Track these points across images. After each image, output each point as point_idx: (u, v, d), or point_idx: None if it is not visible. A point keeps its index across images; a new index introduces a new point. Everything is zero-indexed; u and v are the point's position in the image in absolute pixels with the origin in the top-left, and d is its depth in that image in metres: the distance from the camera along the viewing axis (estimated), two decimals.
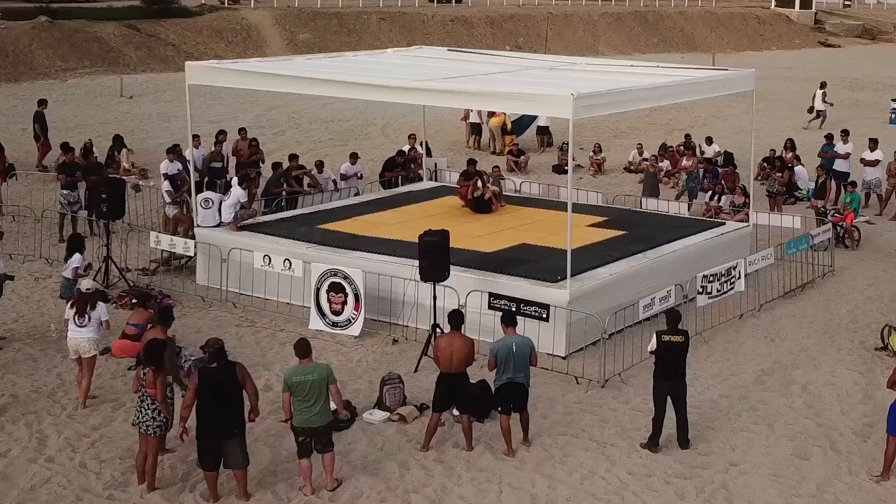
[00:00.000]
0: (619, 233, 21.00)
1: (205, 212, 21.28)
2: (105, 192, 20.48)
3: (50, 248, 22.80)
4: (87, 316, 15.30)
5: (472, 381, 15.02)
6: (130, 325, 17.30)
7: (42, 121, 31.95)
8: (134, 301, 18.21)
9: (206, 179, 25.51)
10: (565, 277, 17.33)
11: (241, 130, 28.71)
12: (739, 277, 19.06)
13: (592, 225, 21.58)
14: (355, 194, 25.74)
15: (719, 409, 15.68)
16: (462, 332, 14.44)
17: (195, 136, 26.91)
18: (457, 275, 17.72)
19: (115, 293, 20.29)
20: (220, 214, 21.23)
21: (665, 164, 30.83)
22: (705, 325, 18.45)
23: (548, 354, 17.11)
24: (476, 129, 36.71)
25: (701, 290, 18.23)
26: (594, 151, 33.53)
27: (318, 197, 24.78)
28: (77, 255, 18.27)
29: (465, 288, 17.50)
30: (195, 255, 20.95)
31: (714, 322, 18.70)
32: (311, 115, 42.69)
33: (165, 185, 23.47)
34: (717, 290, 18.56)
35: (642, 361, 16.73)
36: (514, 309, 16.73)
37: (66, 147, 26.45)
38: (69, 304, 15.73)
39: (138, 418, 13.04)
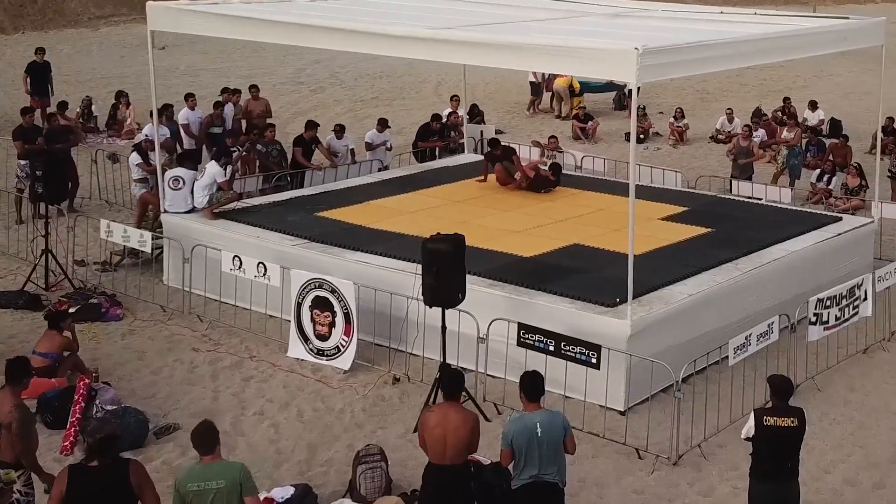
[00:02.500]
0: (703, 230, 16.11)
1: (174, 193, 16.78)
2: (41, 169, 16.00)
3: None
4: None
5: (483, 458, 10.47)
6: (38, 354, 12.92)
7: (39, 73, 27.61)
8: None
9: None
10: (625, 300, 12.60)
11: (252, 88, 24.13)
12: (865, 299, 14.09)
13: (667, 218, 16.74)
14: (380, 168, 21.11)
15: None
16: (461, 402, 9.74)
17: (189, 96, 22.64)
18: (479, 291, 13.13)
19: (55, 297, 15.95)
20: (192, 197, 16.75)
21: (760, 134, 25.66)
22: (818, 365, 13.58)
23: (600, 407, 12.44)
24: (535, 90, 31.67)
25: (814, 318, 13.31)
26: (675, 117, 28.39)
27: (332, 172, 20.15)
28: None
29: (487, 312, 12.83)
30: (152, 249, 16.45)
31: (830, 360, 13.81)
32: (358, 70, 38.07)
33: (134, 157, 18.88)
34: (836, 318, 13.63)
35: (731, 425, 11.98)
36: (550, 347, 12.10)
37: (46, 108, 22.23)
38: None
39: None
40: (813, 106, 28.46)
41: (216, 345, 14.53)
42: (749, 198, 19.22)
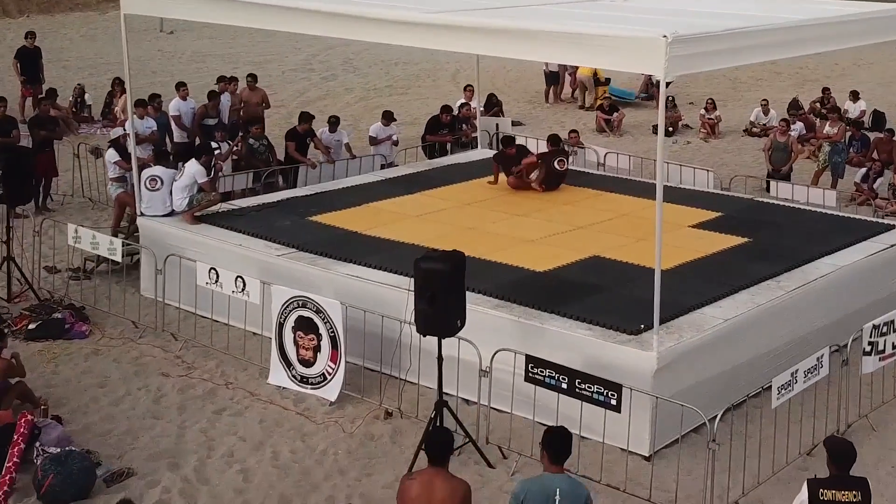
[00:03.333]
0: (739, 240, 14.36)
1: (151, 195, 15.16)
2: (1, 168, 14.40)
3: None
4: None
5: None
6: None
7: (29, 59, 26.13)
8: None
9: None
10: (651, 326, 10.91)
11: (250, 77, 22.51)
12: None
13: (698, 225, 15.02)
14: (383, 165, 19.45)
15: None
16: (447, 467, 8.06)
17: (181, 85, 21.01)
18: (483, 313, 11.53)
19: (18, 309, 14.37)
20: (171, 198, 15.13)
21: (797, 128, 23.81)
22: (872, 401, 11.85)
23: (621, 451, 10.75)
24: (552, 79, 29.82)
25: (869, 347, 11.58)
26: (706, 109, 26.56)
27: (329, 170, 18.49)
28: None
29: (491, 338, 11.17)
30: (127, 256, 14.86)
31: (886, 394, 12.07)
32: (372, 56, 36.41)
33: (111, 155, 17.21)
34: (894, 346, 11.87)
35: (774, 476, 10.30)
36: (566, 386, 10.40)
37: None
38: None
39: None
40: (854, 96, 26.59)
41: (189, 368, 12.90)
42: (788, 200, 17.48)
